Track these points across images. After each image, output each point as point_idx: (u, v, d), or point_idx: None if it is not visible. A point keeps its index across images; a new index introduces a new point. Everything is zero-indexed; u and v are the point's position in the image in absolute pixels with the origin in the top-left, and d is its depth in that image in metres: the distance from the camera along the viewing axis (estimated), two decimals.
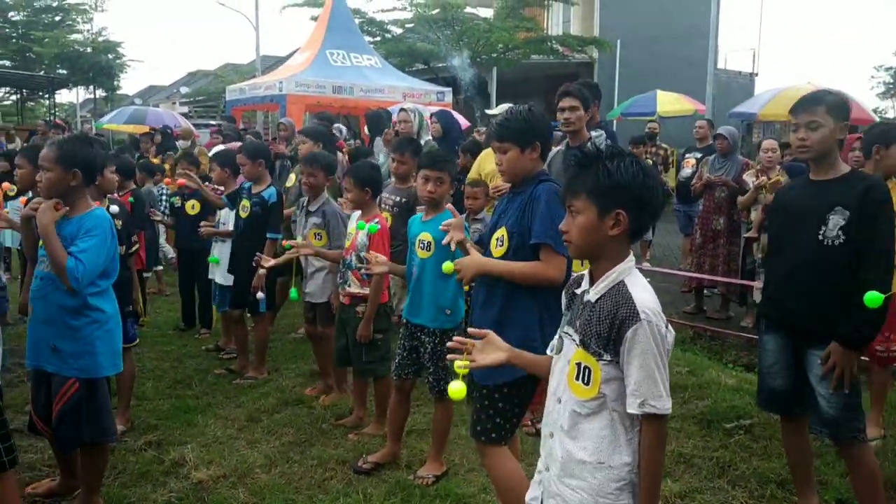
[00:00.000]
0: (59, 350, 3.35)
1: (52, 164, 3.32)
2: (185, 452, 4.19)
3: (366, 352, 4.38)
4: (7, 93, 38.55)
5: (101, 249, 3.33)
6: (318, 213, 4.97)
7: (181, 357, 6.09)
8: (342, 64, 15.13)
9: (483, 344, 2.27)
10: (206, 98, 35.99)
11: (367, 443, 4.37)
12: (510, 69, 21.27)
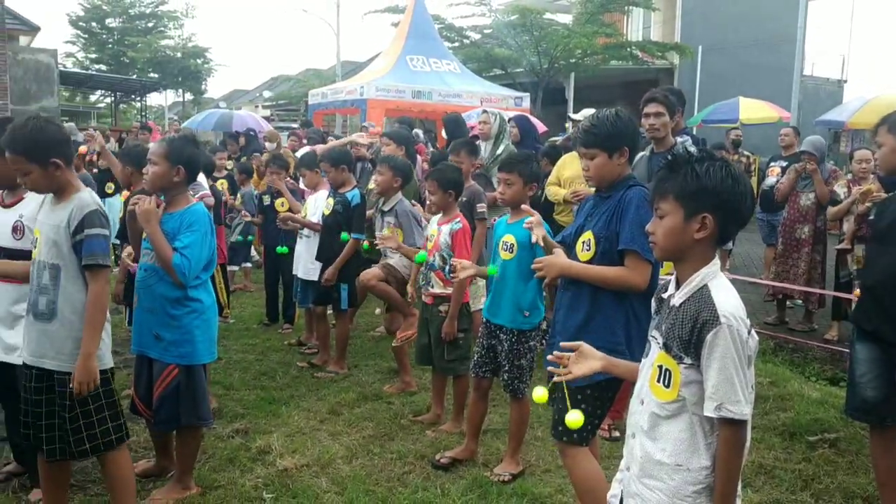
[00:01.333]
0: (161, 338, 3.55)
1: (160, 158, 3.52)
2: (271, 441, 4.35)
3: (447, 350, 4.47)
4: (102, 95, 40.34)
5: (202, 244, 3.52)
6: (392, 213, 5.12)
7: (265, 350, 6.31)
8: (421, 69, 15.35)
9: (577, 355, 2.32)
10: (287, 102, 36.90)
11: (444, 440, 4.45)
12: (588, 75, 21.13)
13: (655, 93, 4.70)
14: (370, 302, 7.69)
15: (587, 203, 3.31)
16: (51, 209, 3.05)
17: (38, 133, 3.01)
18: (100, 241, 2.97)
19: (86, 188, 3.15)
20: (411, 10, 16.28)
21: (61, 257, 2.98)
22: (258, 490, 3.81)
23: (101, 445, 3.10)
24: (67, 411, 3.01)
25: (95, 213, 3.00)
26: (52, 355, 3.01)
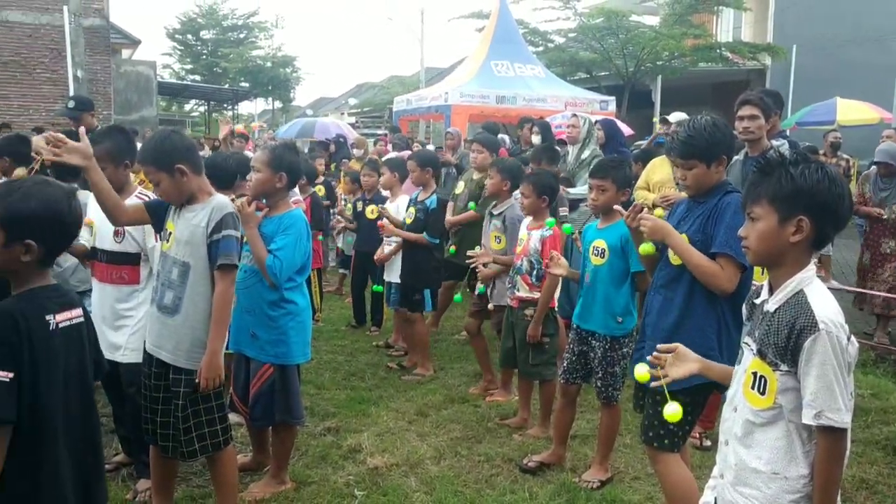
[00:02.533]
0: (258, 337, 3.69)
1: (263, 166, 3.66)
2: (361, 440, 4.46)
3: (533, 354, 4.49)
4: (196, 104, 42.02)
5: (296, 247, 3.64)
6: (500, 217, 5.15)
7: (354, 352, 6.45)
8: (506, 74, 15.37)
9: (674, 357, 2.31)
10: (372, 109, 37.56)
11: (531, 444, 4.47)
12: (676, 78, 20.72)
13: (750, 95, 4.60)
14: (455, 306, 7.76)
15: (679, 207, 3.27)
16: (186, 209, 3.20)
17: (163, 142, 3.19)
18: (234, 242, 3.12)
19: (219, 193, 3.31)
20: (496, 16, 16.33)
21: (193, 256, 3.12)
22: (349, 487, 3.92)
23: (209, 447, 3.24)
24: (180, 411, 3.15)
25: (231, 215, 3.14)
26: (170, 349, 3.16)
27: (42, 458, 2.07)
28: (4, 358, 1.97)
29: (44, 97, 18.48)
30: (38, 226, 2.09)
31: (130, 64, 25.83)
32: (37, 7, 18.29)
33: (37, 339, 2.04)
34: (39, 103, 18.14)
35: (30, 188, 2.13)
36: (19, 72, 18.40)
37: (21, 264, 2.10)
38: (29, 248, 2.08)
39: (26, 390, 2.02)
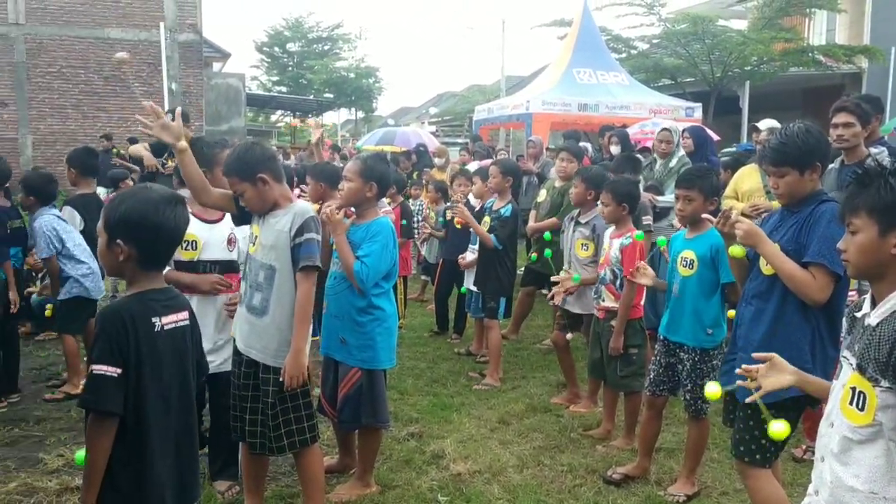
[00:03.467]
0: (346, 342, 3.79)
1: (355, 175, 3.76)
2: (444, 446, 4.51)
3: (621, 365, 4.45)
4: (283, 115, 43.14)
5: (383, 254, 3.72)
6: (588, 226, 5.13)
7: (436, 359, 6.52)
8: (588, 81, 15.23)
9: (767, 368, 2.26)
10: (452, 118, 37.80)
11: (615, 455, 4.42)
12: (765, 83, 20.11)
13: (846, 102, 4.45)
14: (535, 314, 7.75)
15: (772, 217, 3.21)
16: (270, 215, 3.32)
17: (245, 154, 3.32)
18: (315, 245, 3.23)
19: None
20: (578, 23, 16.21)
21: (279, 260, 3.24)
22: (433, 492, 3.96)
23: (296, 442, 3.35)
24: (270, 408, 3.27)
25: (312, 219, 3.26)
26: (259, 348, 3.29)
27: (144, 451, 2.20)
28: (113, 355, 2.12)
29: (140, 109, 19.35)
30: (128, 228, 2.21)
31: (221, 76, 26.77)
32: (135, 24, 19.20)
33: (143, 339, 2.18)
34: (136, 114, 18.99)
35: (127, 193, 2.28)
36: (119, 86, 19.33)
37: (122, 265, 2.23)
38: (121, 249, 2.20)
39: (132, 387, 2.15)
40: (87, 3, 18.86)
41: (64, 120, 19.09)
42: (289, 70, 43.97)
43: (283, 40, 44.47)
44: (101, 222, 2.27)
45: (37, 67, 18.79)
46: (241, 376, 3.37)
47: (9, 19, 18.38)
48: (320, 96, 36.82)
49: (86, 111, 19.14)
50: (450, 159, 11.44)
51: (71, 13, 18.82)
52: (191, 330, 2.39)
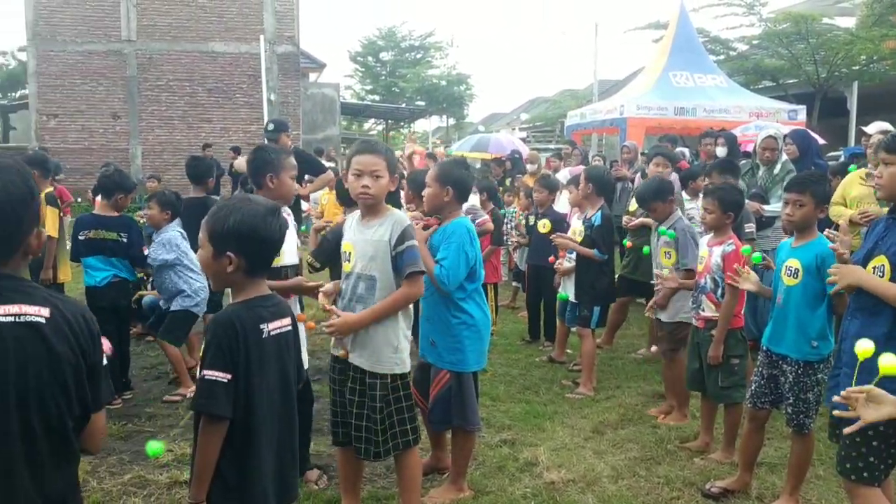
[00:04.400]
0: (436, 344, 3.85)
1: (431, 180, 3.86)
2: (538, 453, 4.49)
3: (722, 376, 4.32)
4: (375, 123, 44.00)
5: (458, 255, 3.72)
6: (670, 231, 5.04)
7: (528, 366, 6.50)
8: (685, 84, 14.90)
9: (866, 398, 2.17)
10: (543, 123, 37.62)
11: (713, 469, 4.30)
12: (874, 83, 19.15)
13: None
14: (630, 324, 7.62)
15: (878, 225, 3.06)
16: (364, 227, 3.40)
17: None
18: (416, 251, 3.30)
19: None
20: (675, 25, 15.89)
21: (379, 270, 3.30)
22: (526, 500, 3.96)
23: (399, 444, 3.41)
24: (378, 413, 3.33)
25: (410, 227, 3.33)
26: (366, 356, 3.35)
27: (250, 452, 2.30)
28: (225, 361, 2.22)
29: (242, 119, 20.15)
30: (237, 239, 2.28)
31: (317, 86, 27.54)
32: (237, 38, 20.00)
33: (252, 345, 2.27)
34: (238, 125, 19.80)
35: (233, 205, 2.35)
36: (221, 97, 20.18)
37: (230, 275, 2.32)
38: (231, 259, 2.29)
39: (241, 390, 2.25)
40: (192, 19, 19.78)
41: (170, 131, 20.06)
42: (382, 79, 44.79)
43: (376, 50, 45.36)
44: (205, 234, 2.34)
45: (146, 81, 19.82)
46: (347, 381, 3.42)
47: (122, 36, 19.48)
48: (412, 104, 37.33)
49: (190, 122, 20.06)
50: (542, 166, 11.38)
51: (178, 29, 19.78)
52: (293, 335, 2.48)
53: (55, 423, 1.82)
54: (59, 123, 19.59)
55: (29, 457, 1.77)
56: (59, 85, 19.54)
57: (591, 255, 5.68)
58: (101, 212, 5.59)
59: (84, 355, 1.86)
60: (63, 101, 19.65)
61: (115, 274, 5.47)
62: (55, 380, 1.79)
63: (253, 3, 20.08)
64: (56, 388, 1.80)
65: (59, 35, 19.34)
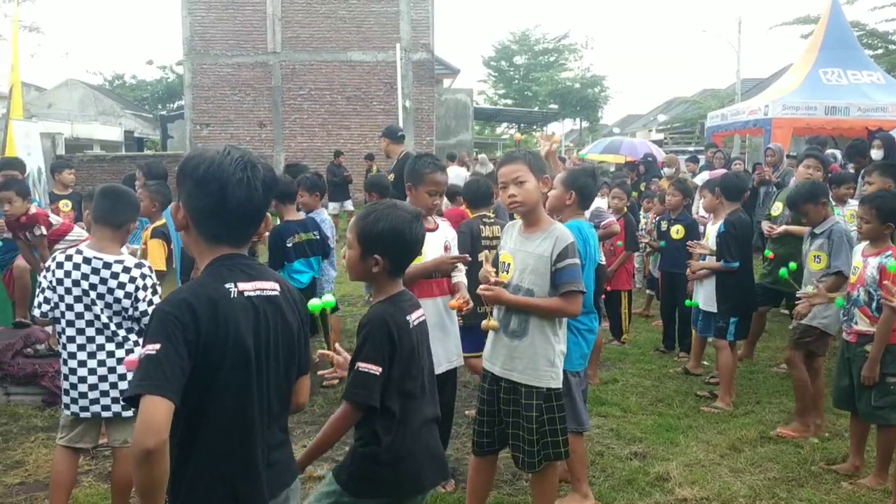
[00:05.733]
0: None
1: (558, 182, 3.92)
2: (669, 468, 4.33)
3: (875, 395, 4.01)
4: (508, 127, 44.09)
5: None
6: (824, 235, 4.74)
7: (661, 377, 6.28)
8: (837, 82, 13.95)
9: None
10: (682, 124, 36.43)
11: (863, 495, 4.00)
12: None
13: None
14: (773, 335, 7.23)
15: None
16: (525, 238, 3.37)
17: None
18: (575, 270, 3.23)
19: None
20: (826, 19, 14.93)
21: (537, 284, 3.26)
22: None
23: (550, 455, 3.36)
24: (534, 423, 3.31)
25: (572, 245, 3.26)
26: (520, 369, 3.32)
27: (404, 431, 2.45)
28: (378, 355, 2.38)
29: (378, 126, 20.64)
30: (383, 243, 2.45)
31: (450, 92, 27.93)
32: (374, 46, 20.59)
33: (401, 337, 2.44)
34: (374, 132, 20.29)
35: (381, 211, 2.52)
36: (359, 105, 20.83)
37: (374, 275, 2.50)
38: (377, 261, 2.45)
39: (394, 381, 2.40)
40: (332, 30, 20.55)
41: (311, 138, 20.93)
42: (514, 83, 44.85)
43: (509, 54, 45.48)
44: (354, 236, 2.51)
45: (290, 91, 20.78)
46: (497, 394, 3.40)
47: (268, 49, 20.52)
48: (545, 108, 37.11)
49: (330, 129, 20.84)
50: (680, 169, 11.00)
51: (319, 40, 20.61)
52: (427, 327, 2.64)
53: (283, 381, 2.08)
54: (210, 132, 20.86)
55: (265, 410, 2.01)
56: (210, 96, 20.82)
57: (718, 269, 5.44)
58: (292, 217, 5.77)
59: (302, 324, 2.14)
60: (214, 111, 20.92)
61: (313, 275, 5.76)
62: (287, 344, 2.06)
63: (390, 13, 20.61)
64: (287, 352, 2.07)
65: (211, 49, 20.61)
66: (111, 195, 3.61)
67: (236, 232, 2.03)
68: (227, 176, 1.92)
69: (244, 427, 1.95)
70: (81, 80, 38.95)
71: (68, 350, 3.47)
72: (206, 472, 1.92)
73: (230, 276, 1.96)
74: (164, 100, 44.89)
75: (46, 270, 3.52)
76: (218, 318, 1.88)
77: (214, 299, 1.90)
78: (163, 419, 1.75)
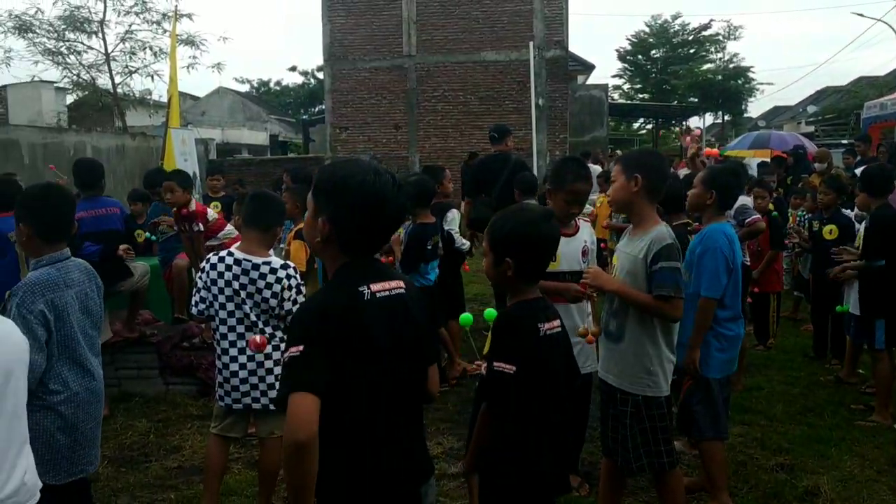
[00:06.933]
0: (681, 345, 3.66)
1: (698, 182, 3.86)
2: (820, 483, 4.09)
3: None
4: (644, 122, 42.91)
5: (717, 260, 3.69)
6: None
7: (811, 385, 5.93)
8: None
9: None
10: (834, 116, 34.16)
11: None
12: None
13: None
14: None
15: None
16: (629, 240, 3.34)
17: None
18: (670, 273, 3.10)
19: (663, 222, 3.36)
20: None
21: (638, 286, 3.19)
22: None
23: (654, 464, 3.28)
24: (628, 430, 3.26)
25: (671, 247, 3.14)
26: (616, 373, 3.29)
27: (530, 432, 2.45)
28: (509, 354, 2.39)
29: (510, 125, 20.50)
30: (511, 245, 2.45)
31: (584, 88, 27.54)
32: (507, 46, 20.58)
33: (531, 341, 2.43)
34: None
35: (509, 214, 2.53)
36: (492, 105, 20.89)
37: (510, 279, 2.49)
38: (509, 265, 2.45)
39: (524, 383, 2.39)
40: (466, 31, 20.72)
41: (445, 139, 21.19)
42: (652, 77, 43.62)
43: (646, 47, 44.26)
44: (487, 243, 2.54)
45: (424, 93, 21.14)
46: (602, 401, 3.43)
47: (403, 52, 20.96)
48: (684, 101, 35.86)
49: (463, 130, 21.02)
50: (832, 164, 10.31)
51: (453, 41, 20.83)
52: (564, 336, 2.59)
53: (415, 375, 2.16)
54: (349, 135, 21.55)
55: (399, 402, 2.09)
56: (349, 100, 21.50)
57: (860, 266, 5.10)
58: (427, 220, 5.82)
59: (428, 319, 2.21)
60: (353, 115, 21.59)
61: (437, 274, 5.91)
62: (416, 338, 2.13)
63: (523, 12, 20.52)
64: (416, 346, 2.13)
65: (350, 55, 21.28)
66: (260, 200, 3.82)
67: (380, 242, 2.14)
68: (385, 194, 2.01)
69: (378, 419, 2.01)
70: (231, 88, 41.35)
71: (221, 346, 3.70)
72: (343, 464, 1.99)
73: (363, 279, 2.03)
74: (306, 104, 46.93)
75: (201, 271, 3.77)
76: (353, 320, 1.97)
77: (349, 302, 1.99)
78: (310, 413, 1.84)
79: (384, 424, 2.03)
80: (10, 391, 2.06)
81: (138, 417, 5.40)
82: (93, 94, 21.34)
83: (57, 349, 2.90)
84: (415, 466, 2.13)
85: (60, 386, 2.91)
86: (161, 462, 4.68)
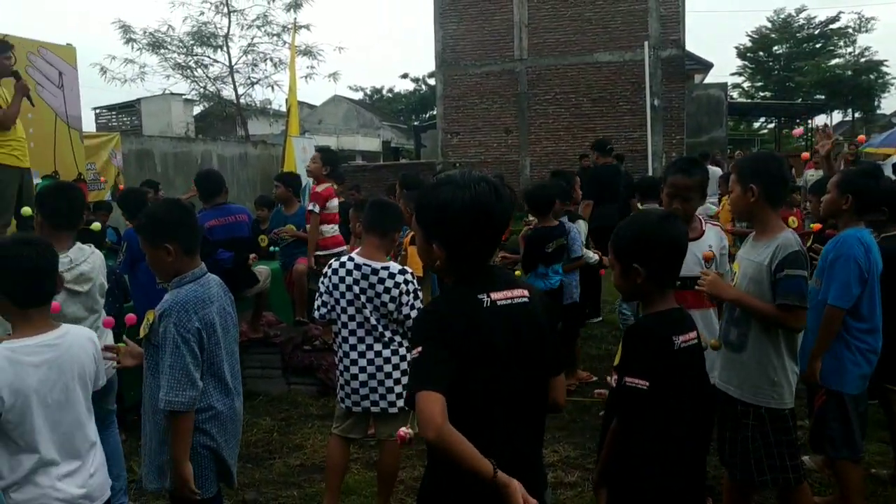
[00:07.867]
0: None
1: (832, 186, 3.63)
2: None
3: None
4: (766, 121, 41.09)
5: (849, 268, 3.42)
6: None
7: None
8: None
9: None
10: None
11: None
12: None
13: None
14: None
15: None
16: (752, 246, 3.21)
17: None
18: (796, 281, 2.96)
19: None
20: None
21: (760, 294, 3.06)
22: None
23: (779, 479, 3.13)
24: (749, 442, 3.12)
25: (798, 254, 3.00)
26: (736, 384, 3.16)
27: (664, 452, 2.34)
28: (642, 369, 2.31)
29: (624, 127, 20.29)
30: (633, 251, 2.39)
31: (702, 88, 26.64)
32: (621, 46, 20.20)
33: (665, 356, 2.33)
34: (621, 132, 19.95)
35: (631, 219, 2.50)
36: (605, 106, 20.55)
37: (641, 287, 2.41)
38: (638, 272, 2.37)
39: (658, 400, 2.30)
40: (578, 33, 20.48)
41: (556, 142, 21.01)
42: (774, 74, 41.76)
43: (768, 43, 42.40)
44: (612, 253, 2.47)
45: (535, 96, 21.04)
46: (724, 404, 3.26)
47: (514, 56, 20.95)
48: (810, 99, 34.12)
49: (575, 132, 20.77)
50: None
51: (565, 44, 20.64)
52: (699, 348, 2.47)
53: (540, 384, 2.15)
54: (460, 140, 21.73)
55: (515, 409, 2.07)
56: (460, 105, 21.68)
57: None
58: (549, 223, 5.77)
59: (553, 328, 2.19)
60: (464, 120, 21.75)
61: (560, 279, 5.88)
62: (539, 347, 2.11)
63: (638, 11, 20.09)
64: (539, 355, 2.11)
65: (461, 60, 21.46)
66: (378, 207, 3.91)
67: (492, 249, 2.12)
68: (486, 205, 2.01)
69: (495, 424, 2.01)
70: (345, 97, 42.53)
71: (343, 349, 3.80)
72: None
73: (482, 287, 2.05)
74: (417, 111, 47.67)
75: (323, 276, 3.88)
76: (472, 326, 1.98)
77: (468, 310, 2.00)
78: (436, 410, 1.86)
79: (502, 430, 2.02)
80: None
81: (262, 415, 5.61)
82: (218, 105, 22.45)
83: (203, 367, 2.83)
84: (531, 475, 2.11)
85: (206, 404, 2.85)
86: (284, 459, 4.85)
